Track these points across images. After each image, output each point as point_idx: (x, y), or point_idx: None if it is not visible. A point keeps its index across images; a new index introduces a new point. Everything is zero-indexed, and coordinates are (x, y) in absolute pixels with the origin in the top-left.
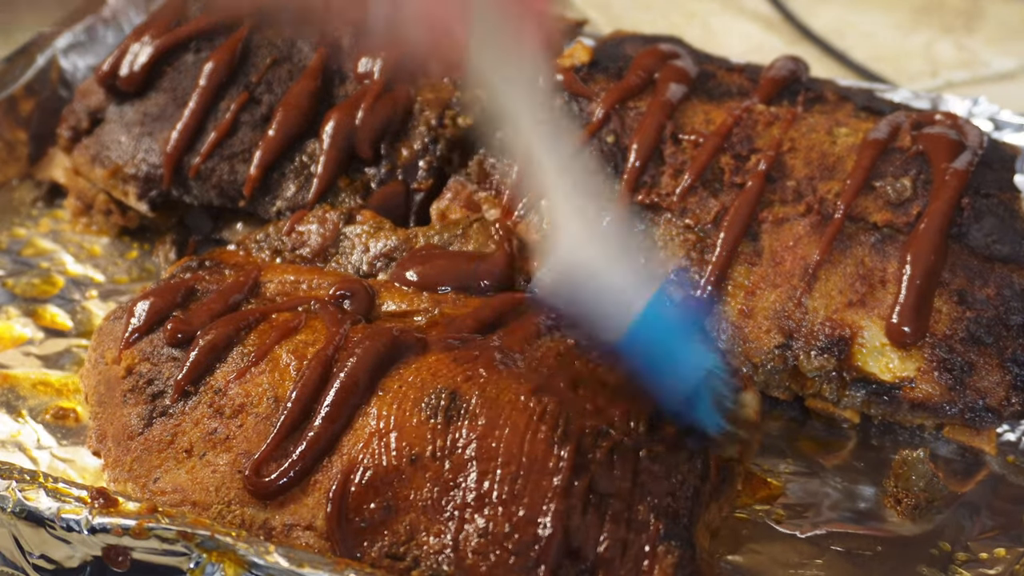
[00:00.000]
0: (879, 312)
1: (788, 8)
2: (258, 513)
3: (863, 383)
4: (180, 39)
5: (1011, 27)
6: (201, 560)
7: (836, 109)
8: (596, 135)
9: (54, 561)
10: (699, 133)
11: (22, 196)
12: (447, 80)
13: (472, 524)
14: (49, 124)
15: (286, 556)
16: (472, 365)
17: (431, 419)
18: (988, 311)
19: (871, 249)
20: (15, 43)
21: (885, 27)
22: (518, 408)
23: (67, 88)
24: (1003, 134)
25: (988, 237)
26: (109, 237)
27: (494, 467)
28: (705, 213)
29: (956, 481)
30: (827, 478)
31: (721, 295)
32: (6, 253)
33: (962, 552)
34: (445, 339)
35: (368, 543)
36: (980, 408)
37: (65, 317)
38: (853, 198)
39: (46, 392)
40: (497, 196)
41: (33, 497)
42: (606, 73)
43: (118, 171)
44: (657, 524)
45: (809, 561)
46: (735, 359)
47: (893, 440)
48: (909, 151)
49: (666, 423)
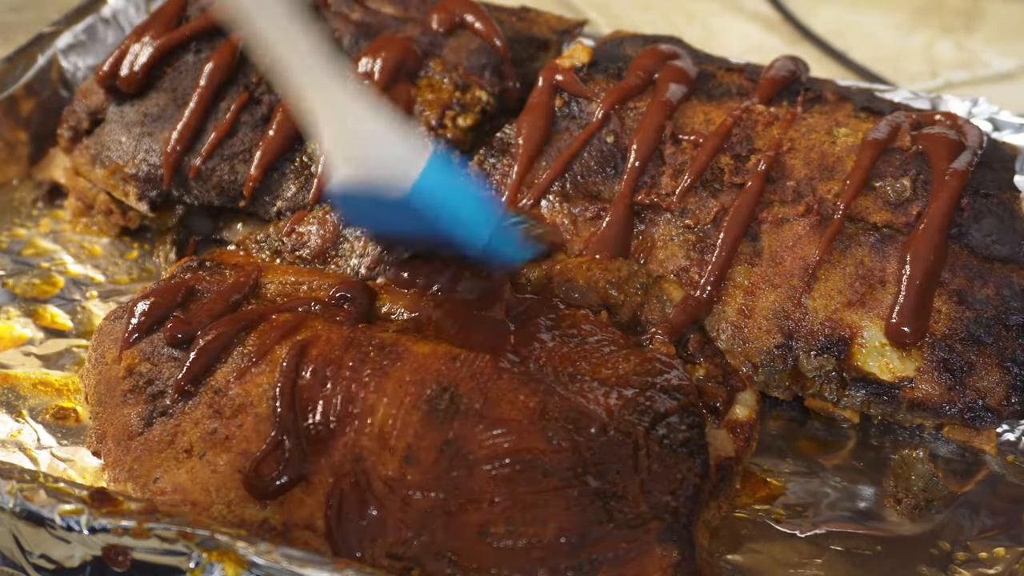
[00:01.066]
0: (879, 312)
1: (788, 8)
2: (258, 513)
3: (863, 383)
4: (180, 39)
5: (1011, 27)
6: (201, 560)
7: (836, 109)
8: (596, 135)
9: (54, 561)
10: (699, 133)
11: (22, 196)
12: (447, 80)
13: (471, 524)
14: (49, 124)
15: (286, 556)
16: (471, 365)
17: (430, 419)
18: (988, 311)
19: (871, 249)
20: (15, 43)
21: (885, 27)
22: (517, 408)
23: (67, 88)
24: (1003, 134)
25: (988, 237)
26: (109, 237)
27: (493, 467)
28: (705, 213)
29: (956, 481)
30: (827, 478)
31: (721, 295)
32: (6, 253)
33: (962, 552)
34: (444, 340)
35: (368, 543)
36: (980, 408)
37: (65, 317)
38: (853, 198)
39: (46, 392)
40: (497, 196)
41: (33, 497)
42: (606, 73)
43: (118, 171)
44: (657, 523)
45: (809, 561)
46: (735, 359)
47: (893, 440)
48: (909, 151)
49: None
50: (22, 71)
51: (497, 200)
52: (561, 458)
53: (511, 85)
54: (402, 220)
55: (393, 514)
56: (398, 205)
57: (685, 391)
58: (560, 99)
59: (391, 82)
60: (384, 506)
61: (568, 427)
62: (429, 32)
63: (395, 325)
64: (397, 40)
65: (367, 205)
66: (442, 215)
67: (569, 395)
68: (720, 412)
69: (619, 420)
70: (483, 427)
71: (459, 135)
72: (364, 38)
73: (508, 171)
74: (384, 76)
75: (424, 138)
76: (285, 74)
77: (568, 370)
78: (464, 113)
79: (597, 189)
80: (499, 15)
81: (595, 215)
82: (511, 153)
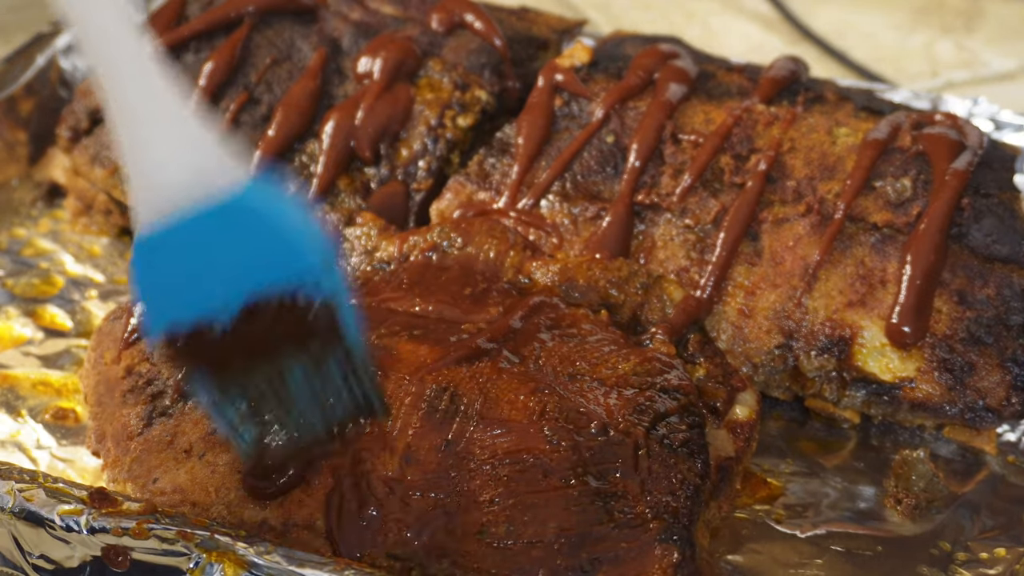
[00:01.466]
0: (879, 312)
1: (788, 8)
2: (258, 513)
3: (863, 383)
4: (179, 39)
5: (1011, 27)
6: (201, 560)
7: (836, 109)
8: (596, 135)
9: (54, 561)
10: (699, 133)
11: (22, 196)
12: (446, 80)
13: (471, 524)
14: (49, 124)
15: (286, 556)
16: (471, 365)
17: (431, 419)
18: (988, 311)
19: (871, 249)
20: (15, 43)
21: (885, 27)
22: (518, 408)
23: (67, 88)
24: (1003, 134)
25: (988, 237)
26: (109, 237)
27: (493, 467)
28: (705, 213)
29: (956, 481)
30: (827, 478)
31: (721, 295)
32: (6, 253)
33: (962, 552)
34: (444, 340)
35: (368, 543)
36: (980, 408)
37: (65, 317)
38: (853, 198)
39: (46, 392)
40: (497, 196)
41: (33, 497)
42: (606, 73)
43: (118, 171)
44: (657, 523)
45: (809, 561)
46: (735, 359)
47: (893, 440)
48: (909, 151)
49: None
50: (22, 71)
51: (328, 232)
52: (561, 458)
53: (511, 85)
54: (213, 254)
55: (393, 514)
56: (206, 226)
57: (685, 391)
58: (560, 99)
59: (391, 82)
60: (384, 506)
61: (568, 427)
62: (429, 32)
63: (395, 326)
64: (396, 39)
65: (173, 251)
66: (260, 239)
67: (569, 395)
68: (720, 412)
69: (619, 420)
70: (483, 427)
71: (459, 135)
72: (363, 38)
73: (508, 171)
74: (384, 76)
75: (244, 163)
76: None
77: (568, 370)
78: (464, 113)
79: (597, 189)
80: (499, 15)
81: (595, 215)
82: (511, 153)
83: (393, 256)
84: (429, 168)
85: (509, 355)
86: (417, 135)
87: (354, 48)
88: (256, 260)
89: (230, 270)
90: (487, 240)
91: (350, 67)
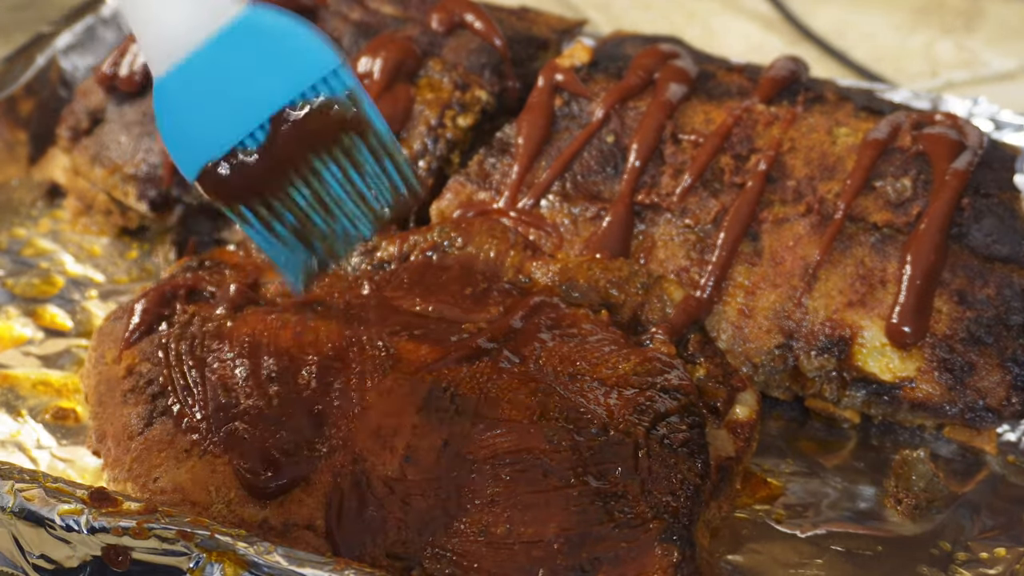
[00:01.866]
0: (879, 312)
1: (788, 8)
2: (258, 513)
3: (863, 383)
4: None
5: (1011, 27)
6: (201, 560)
7: (836, 109)
8: (596, 135)
9: (54, 561)
10: (699, 133)
11: (22, 196)
12: (447, 80)
13: (471, 524)
14: (49, 124)
15: (286, 556)
16: (472, 365)
17: (431, 419)
18: (988, 311)
19: (871, 249)
20: (15, 43)
21: (885, 27)
22: (518, 408)
23: (67, 88)
24: (1003, 134)
25: (988, 237)
26: (109, 237)
27: (493, 467)
28: (705, 213)
29: (956, 481)
30: (827, 478)
31: (721, 295)
32: (6, 253)
33: (962, 552)
34: (444, 340)
35: (368, 543)
36: (980, 408)
37: (65, 317)
38: (853, 198)
39: (46, 392)
40: (497, 196)
41: (33, 497)
42: (606, 73)
43: (118, 171)
44: (657, 523)
45: (809, 561)
46: (735, 359)
47: (893, 440)
48: (909, 151)
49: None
50: (22, 71)
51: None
52: (561, 458)
53: (511, 85)
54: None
55: (393, 514)
56: (217, 53)
57: (685, 391)
58: (560, 99)
59: (391, 81)
60: (384, 506)
61: (568, 427)
62: (429, 32)
63: (395, 326)
64: (396, 39)
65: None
66: (270, 51)
67: (569, 395)
68: (720, 412)
69: (619, 420)
70: (483, 427)
71: (459, 135)
72: (363, 38)
73: (508, 171)
74: (384, 75)
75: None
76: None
77: (568, 370)
78: (464, 113)
79: (597, 189)
80: (499, 15)
81: (595, 215)
82: (511, 153)
83: (393, 256)
84: (429, 168)
85: (509, 355)
86: (417, 135)
87: (354, 48)
88: (271, 73)
89: (249, 90)
90: (487, 240)
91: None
